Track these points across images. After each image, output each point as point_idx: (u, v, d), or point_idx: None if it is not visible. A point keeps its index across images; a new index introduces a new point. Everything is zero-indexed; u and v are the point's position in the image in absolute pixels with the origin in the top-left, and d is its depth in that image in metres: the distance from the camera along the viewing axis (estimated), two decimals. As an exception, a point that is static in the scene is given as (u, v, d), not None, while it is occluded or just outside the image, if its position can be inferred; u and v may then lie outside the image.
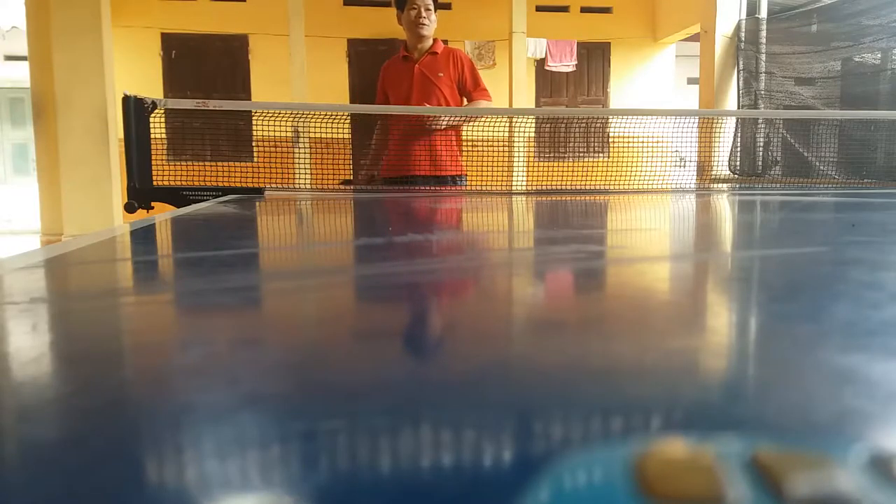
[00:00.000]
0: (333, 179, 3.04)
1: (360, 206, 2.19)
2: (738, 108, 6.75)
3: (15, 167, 14.51)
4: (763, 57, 6.62)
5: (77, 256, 0.92)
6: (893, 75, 5.66)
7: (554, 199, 2.73)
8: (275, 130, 2.91)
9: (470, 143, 3.22)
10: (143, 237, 1.21)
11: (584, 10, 8.73)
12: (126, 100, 2.47)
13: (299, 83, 6.94)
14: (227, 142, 5.56)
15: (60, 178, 5.79)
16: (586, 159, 4.47)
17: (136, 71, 7.67)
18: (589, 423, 0.31)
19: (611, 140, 7.42)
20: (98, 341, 0.48)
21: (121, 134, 2.64)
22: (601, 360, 0.41)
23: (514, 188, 4.31)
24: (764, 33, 6.64)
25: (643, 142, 4.06)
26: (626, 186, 3.32)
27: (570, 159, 5.33)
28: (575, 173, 3.32)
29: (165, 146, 3.16)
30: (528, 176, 6.15)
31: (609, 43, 8.85)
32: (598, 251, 1.03)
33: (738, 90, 6.79)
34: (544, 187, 3.98)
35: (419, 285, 0.75)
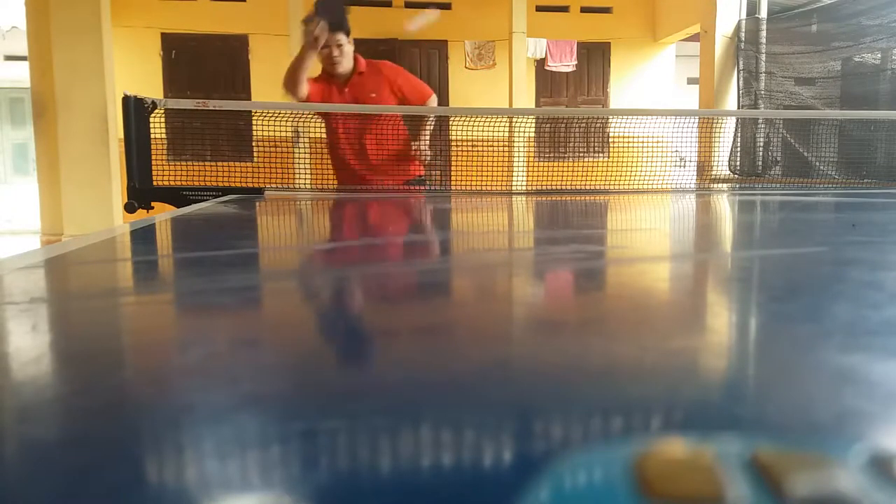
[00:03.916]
0: (333, 180, 3.03)
1: (360, 207, 2.19)
2: (738, 108, 6.75)
3: (15, 167, 14.51)
4: (763, 57, 6.62)
5: (77, 256, 0.92)
6: (893, 75, 5.66)
7: (554, 199, 2.73)
8: (275, 130, 2.91)
9: (469, 144, 3.22)
10: (143, 237, 1.21)
11: (584, 10, 8.73)
12: (126, 100, 2.47)
13: (299, 83, 6.93)
14: (227, 142, 5.56)
15: (60, 178, 5.79)
16: (586, 159, 4.47)
17: (136, 71, 7.67)
18: (589, 423, 0.31)
19: (611, 140, 7.42)
20: (98, 341, 0.48)
21: (121, 134, 2.64)
22: (601, 360, 0.41)
23: (514, 188, 4.31)
24: (764, 33, 6.64)
25: (643, 142, 4.06)
26: (626, 186, 3.32)
27: (570, 159, 5.33)
28: (575, 173, 3.32)
29: (165, 146, 3.16)
30: (528, 176, 6.15)
31: (609, 43, 8.84)
32: (598, 251, 1.03)
33: (738, 90, 6.79)
34: (544, 187, 3.98)
35: (419, 285, 0.75)
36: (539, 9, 8.30)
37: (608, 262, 0.93)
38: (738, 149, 6.46)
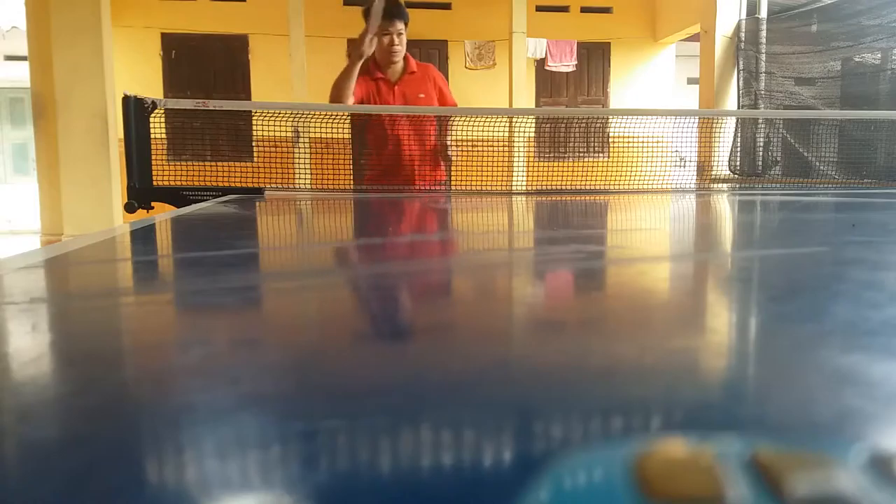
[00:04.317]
0: (334, 180, 3.03)
1: (360, 207, 2.19)
2: (738, 108, 6.74)
3: (15, 167, 14.50)
4: (763, 57, 6.61)
5: (77, 256, 0.92)
6: (893, 75, 5.66)
7: (554, 199, 2.73)
8: (275, 130, 2.91)
9: (470, 143, 3.21)
10: (143, 237, 1.21)
11: (584, 10, 8.73)
12: (126, 100, 2.47)
13: (299, 83, 6.94)
14: (227, 142, 5.55)
15: (60, 178, 5.78)
16: (586, 159, 4.46)
17: (136, 71, 7.67)
18: (589, 423, 0.30)
19: (611, 140, 7.41)
20: (98, 341, 0.48)
21: (121, 134, 2.64)
22: (602, 360, 0.41)
23: (514, 188, 4.31)
24: (764, 33, 6.64)
25: (643, 142, 4.06)
26: (626, 186, 3.32)
27: (570, 159, 5.32)
28: (575, 173, 3.32)
29: (165, 146, 3.15)
30: (528, 176, 6.15)
31: (609, 43, 8.84)
32: (598, 251, 1.03)
33: (738, 90, 6.78)
34: (544, 187, 3.98)
35: (419, 285, 0.75)
36: (539, 9, 8.30)
37: (608, 263, 0.93)
38: (738, 149, 6.45)
